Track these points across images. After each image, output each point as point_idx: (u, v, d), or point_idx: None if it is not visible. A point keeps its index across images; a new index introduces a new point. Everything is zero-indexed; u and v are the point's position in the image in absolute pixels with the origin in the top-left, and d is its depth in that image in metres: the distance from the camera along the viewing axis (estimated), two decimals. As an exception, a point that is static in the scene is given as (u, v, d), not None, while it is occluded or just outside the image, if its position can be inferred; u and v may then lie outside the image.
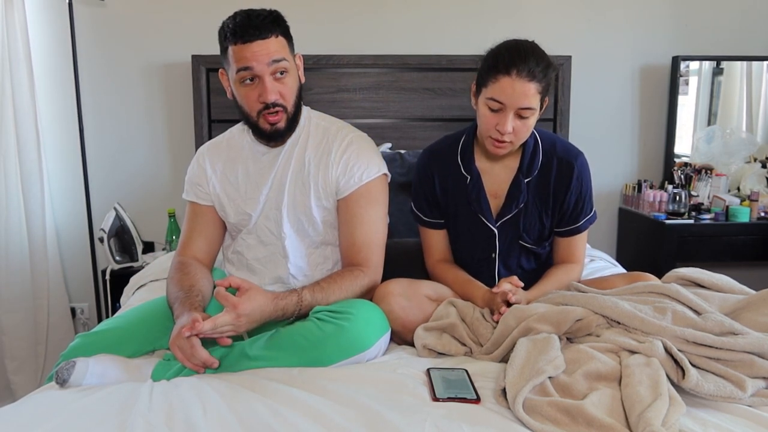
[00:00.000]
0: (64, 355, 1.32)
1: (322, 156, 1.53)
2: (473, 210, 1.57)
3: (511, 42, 1.43)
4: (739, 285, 1.44)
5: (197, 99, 2.48)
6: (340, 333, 1.28)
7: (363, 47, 2.61)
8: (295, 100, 1.48)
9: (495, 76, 1.38)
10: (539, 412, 1.04)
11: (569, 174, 1.53)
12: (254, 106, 1.44)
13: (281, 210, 1.53)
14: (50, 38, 2.52)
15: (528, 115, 1.41)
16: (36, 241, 2.49)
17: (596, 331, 1.30)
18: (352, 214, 1.52)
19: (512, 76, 1.36)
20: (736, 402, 1.08)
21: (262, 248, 1.57)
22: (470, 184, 1.56)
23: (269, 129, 1.46)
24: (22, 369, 2.52)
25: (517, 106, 1.38)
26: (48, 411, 1.09)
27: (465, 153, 1.58)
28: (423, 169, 1.64)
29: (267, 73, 1.40)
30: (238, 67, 1.40)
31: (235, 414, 1.06)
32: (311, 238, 1.56)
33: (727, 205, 2.49)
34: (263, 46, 1.38)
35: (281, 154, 1.54)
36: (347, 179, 1.51)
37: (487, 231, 1.58)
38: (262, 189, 1.54)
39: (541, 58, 1.39)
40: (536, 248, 1.60)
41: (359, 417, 1.04)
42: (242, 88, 1.44)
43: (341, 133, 1.56)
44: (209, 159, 1.60)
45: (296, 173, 1.53)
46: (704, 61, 2.74)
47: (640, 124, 2.80)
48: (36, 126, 2.44)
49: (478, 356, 1.36)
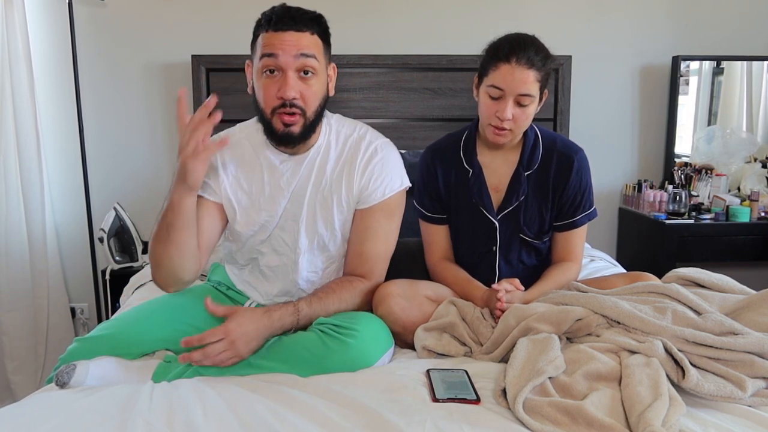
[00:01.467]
0: (63, 359, 1.30)
1: (345, 167, 1.45)
2: (475, 203, 1.59)
3: (512, 34, 1.49)
4: (739, 285, 1.44)
5: (197, 99, 2.47)
6: (345, 350, 1.26)
7: (363, 47, 2.61)
8: (318, 108, 1.38)
9: (495, 63, 1.45)
10: (539, 412, 1.04)
11: (569, 168, 1.56)
12: (271, 101, 1.34)
13: (299, 223, 1.46)
14: (50, 38, 2.51)
15: (527, 103, 1.46)
16: (36, 241, 2.49)
17: (596, 331, 1.30)
18: (366, 225, 1.47)
19: (512, 63, 1.42)
20: (736, 402, 1.08)
21: (275, 257, 1.51)
22: (472, 177, 1.59)
23: (281, 130, 1.36)
24: (21, 369, 2.52)
25: (516, 92, 1.44)
26: (49, 411, 1.08)
27: (467, 147, 1.62)
28: (426, 165, 1.66)
29: (292, 67, 1.31)
30: (263, 52, 1.32)
31: (235, 415, 1.05)
32: (330, 252, 1.51)
33: (727, 205, 2.49)
34: (295, 37, 1.30)
35: (303, 165, 1.44)
36: (369, 192, 1.45)
37: (488, 223, 1.60)
38: (280, 201, 1.45)
39: (540, 49, 1.45)
40: (536, 242, 1.62)
41: (359, 418, 1.04)
42: (262, 79, 1.34)
43: (365, 141, 1.48)
44: (219, 154, 1.46)
45: (316, 186, 1.45)
46: (704, 61, 2.74)
47: (640, 124, 2.80)
48: (36, 126, 2.44)
49: (477, 356, 1.36)
